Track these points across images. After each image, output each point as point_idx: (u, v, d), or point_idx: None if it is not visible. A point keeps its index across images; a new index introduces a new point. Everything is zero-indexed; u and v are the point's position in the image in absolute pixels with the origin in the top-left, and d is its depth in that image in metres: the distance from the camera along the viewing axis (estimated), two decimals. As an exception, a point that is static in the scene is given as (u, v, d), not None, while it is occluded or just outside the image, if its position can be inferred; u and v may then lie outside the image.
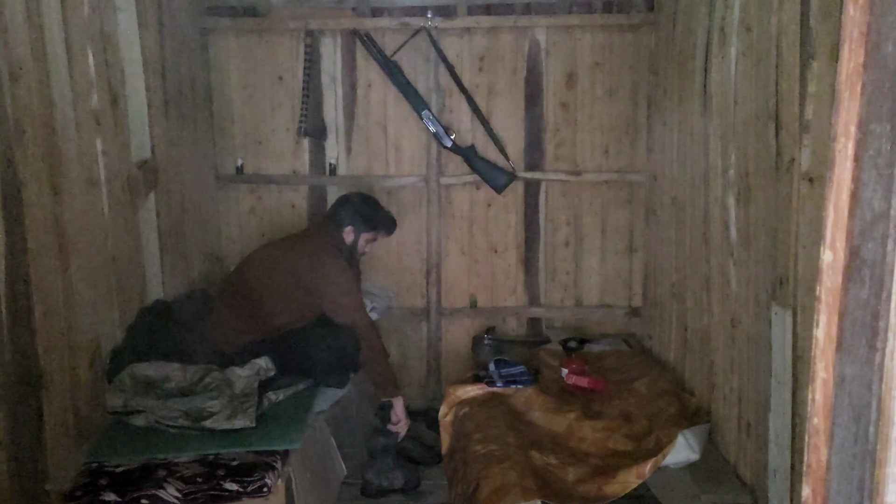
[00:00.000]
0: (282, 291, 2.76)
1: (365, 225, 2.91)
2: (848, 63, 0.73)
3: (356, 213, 2.90)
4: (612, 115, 3.46)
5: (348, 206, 2.92)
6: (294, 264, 2.78)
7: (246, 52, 3.46)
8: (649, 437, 2.38)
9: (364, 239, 2.94)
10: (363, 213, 2.91)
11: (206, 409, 2.24)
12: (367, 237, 2.95)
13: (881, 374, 0.68)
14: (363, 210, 2.92)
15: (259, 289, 2.77)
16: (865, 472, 0.71)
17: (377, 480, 2.72)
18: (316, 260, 2.77)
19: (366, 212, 2.92)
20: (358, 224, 2.90)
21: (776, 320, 1.92)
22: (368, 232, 2.93)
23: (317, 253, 2.79)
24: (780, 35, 1.91)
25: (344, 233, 2.89)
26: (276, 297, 2.76)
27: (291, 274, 2.77)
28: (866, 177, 0.71)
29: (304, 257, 2.78)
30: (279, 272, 2.79)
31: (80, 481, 1.99)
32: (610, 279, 3.60)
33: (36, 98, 1.97)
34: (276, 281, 2.77)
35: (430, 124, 3.34)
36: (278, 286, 2.76)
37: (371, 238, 2.97)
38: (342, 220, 2.89)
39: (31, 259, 1.92)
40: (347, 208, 2.91)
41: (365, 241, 2.95)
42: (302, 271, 2.76)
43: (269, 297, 2.76)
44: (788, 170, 1.86)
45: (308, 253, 2.79)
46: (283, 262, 2.81)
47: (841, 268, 0.75)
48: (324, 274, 2.75)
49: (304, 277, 2.75)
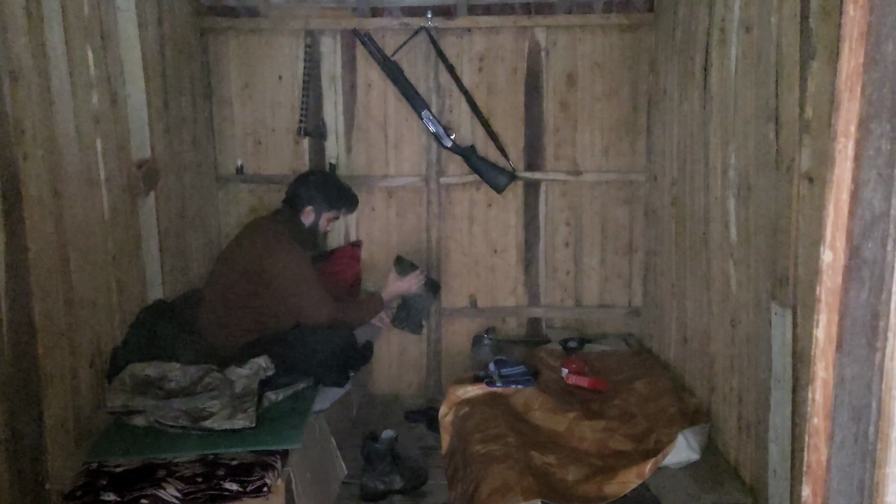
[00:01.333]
0: (248, 288, 2.70)
1: (325, 203, 2.84)
2: (848, 63, 0.73)
3: (316, 193, 2.82)
4: (612, 115, 3.46)
5: (307, 186, 2.84)
6: (251, 259, 2.69)
7: (246, 52, 3.46)
8: (649, 437, 2.38)
9: (325, 218, 2.88)
10: (323, 192, 2.83)
11: (206, 409, 2.24)
12: (329, 216, 2.88)
13: (881, 374, 0.68)
14: (323, 188, 2.84)
15: (229, 288, 2.71)
16: (865, 472, 0.71)
17: (373, 484, 2.72)
18: (269, 252, 2.68)
19: (326, 190, 2.85)
20: (318, 203, 2.82)
21: (776, 320, 1.92)
22: (329, 211, 2.87)
23: (269, 244, 2.70)
24: (780, 35, 1.92)
25: (303, 214, 2.82)
26: (245, 294, 2.70)
27: (252, 270, 2.69)
28: (866, 177, 0.71)
29: (258, 250, 2.70)
30: (240, 269, 2.71)
31: (79, 481, 1.99)
32: (610, 279, 3.60)
33: (36, 98, 1.97)
34: (240, 278, 2.70)
35: (430, 124, 3.34)
36: (244, 284, 2.70)
37: (332, 217, 2.90)
38: (301, 201, 2.82)
39: (31, 259, 1.92)
40: (306, 188, 2.83)
41: (326, 220, 2.89)
42: (259, 265, 2.68)
43: (238, 296, 2.70)
44: (788, 170, 1.86)
45: (262, 245, 2.70)
46: (243, 258, 2.73)
47: (841, 268, 0.75)
48: (279, 266, 2.67)
49: (262, 273, 2.68)
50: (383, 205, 3.57)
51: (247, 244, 2.75)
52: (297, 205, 2.82)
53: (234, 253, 2.78)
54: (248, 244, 2.75)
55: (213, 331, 2.72)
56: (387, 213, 3.57)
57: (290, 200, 2.85)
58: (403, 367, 3.65)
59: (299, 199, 2.83)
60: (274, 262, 2.67)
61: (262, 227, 2.79)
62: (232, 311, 2.70)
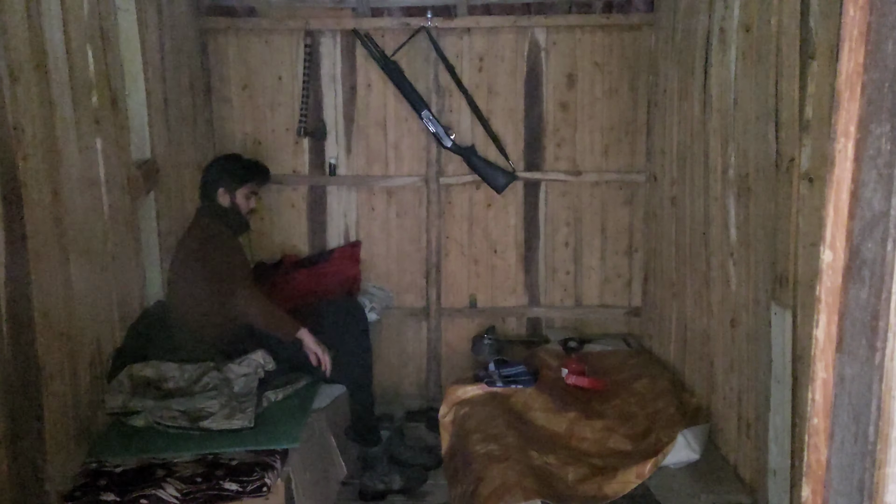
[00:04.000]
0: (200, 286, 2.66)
1: (234, 180, 2.76)
2: (848, 63, 0.73)
3: (220, 173, 2.76)
4: (612, 115, 3.46)
5: (211, 171, 2.80)
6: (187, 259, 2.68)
7: (246, 52, 3.46)
8: (649, 437, 2.38)
9: (241, 195, 2.78)
10: (227, 170, 2.77)
11: (204, 410, 2.24)
12: (244, 192, 2.79)
13: (881, 374, 0.68)
14: (226, 167, 2.79)
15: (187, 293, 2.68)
16: (865, 472, 0.71)
17: (373, 484, 2.72)
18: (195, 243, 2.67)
19: (229, 167, 2.79)
20: (227, 182, 2.75)
21: (776, 320, 1.92)
22: (241, 186, 2.78)
23: (195, 237, 2.70)
24: (780, 35, 1.92)
25: (218, 197, 2.75)
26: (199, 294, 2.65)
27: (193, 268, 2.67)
28: (866, 177, 0.71)
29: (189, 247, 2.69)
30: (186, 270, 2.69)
31: (79, 481, 1.99)
32: (610, 279, 3.60)
33: (36, 98, 1.97)
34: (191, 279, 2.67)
35: (430, 124, 3.34)
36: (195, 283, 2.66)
37: (248, 192, 2.81)
38: (211, 186, 2.75)
39: (31, 259, 1.92)
40: (210, 173, 2.79)
41: (243, 196, 2.79)
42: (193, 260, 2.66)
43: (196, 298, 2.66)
44: (788, 170, 1.86)
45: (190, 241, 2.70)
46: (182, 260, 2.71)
47: (841, 268, 0.75)
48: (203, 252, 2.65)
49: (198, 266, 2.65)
50: (383, 205, 3.57)
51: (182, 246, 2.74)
52: (210, 192, 2.76)
53: (175, 260, 2.75)
54: (182, 246, 2.74)
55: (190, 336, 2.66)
56: (387, 213, 3.57)
57: (202, 190, 2.79)
58: (403, 367, 3.65)
59: (209, 186, 2.77)
60: (200, 250, 2.65)
61: (189, 227, 2.78)
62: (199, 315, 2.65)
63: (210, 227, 2.71)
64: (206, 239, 2.68)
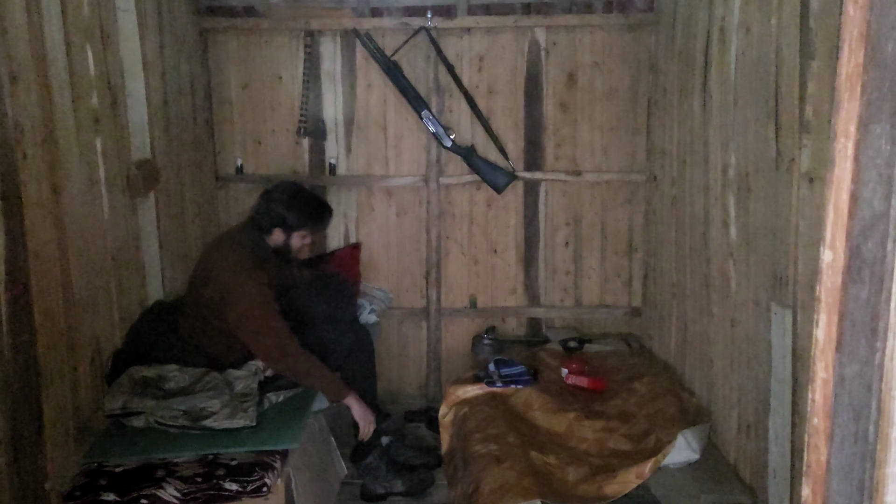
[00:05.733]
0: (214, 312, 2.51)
1: (294, 223, 2.60)
2: (848, 63, 0.73)
3: (283, 212, 2.58)
4: (612, 115, 3.46)
5: (272, 206, 2.60)
6: (213, 286, 2.50)
7: (246, 52, 3.46)
8: (649, 437, 2.38)
9: (297, 237, 2.64)
10: (289, 210, 2.59)
11: (205, 409, 2.24)
12: (300, 234, 2.65)
13: (881, 374, 0.68)
14: (289, 207, 2.59)
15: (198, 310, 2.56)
16: (865, 472, 0.71)
17: (374, 487, 2.72)
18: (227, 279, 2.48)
19: (292, 208, 2.59)
20: (286, 224, 2.59)
21: (776, 320, 1.92)
22: (299, 230, 2.63)
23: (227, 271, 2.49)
24: (780, 35, 1.92)
25: (271, 236, 2.61)
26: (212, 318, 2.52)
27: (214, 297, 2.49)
28: (866, 177, 0.71)
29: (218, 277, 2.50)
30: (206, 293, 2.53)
31: (79, 481, 1.99)
32: (610, 279, 3.60)
33: (36, 98, 1.97)
34: (207, 301, 2.52)
35: (430, 124, 3.34)
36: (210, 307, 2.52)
37: (305, 235, 2.67)
38: (267, 222, 2.59)
39: (31, 259, 1.92)
40: (271, 209, 2.59)
41: (299, 238, 2.65)
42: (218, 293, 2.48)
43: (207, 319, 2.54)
44: (788, 170, 1.86)
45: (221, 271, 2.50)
46: (205, 281, 2.54)
47: (841, 268, 0.75)
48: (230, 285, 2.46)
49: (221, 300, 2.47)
50: (383, 205, 3.57)
51: (209, 268, 2.56)
52: (264, 226, 2.60)
53: (200, 276, 2.59)
54: (210, 269, 2.55)
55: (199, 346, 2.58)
56: (387, 213, 3.57)
57: (256, 220, 2.62)
58: (403, 367, 3.65)
59: (265, 220, 2.60)
60: (231, 291, 2.46)
61: (224, 252, 2.57)
62: (204, 332, 2.56)
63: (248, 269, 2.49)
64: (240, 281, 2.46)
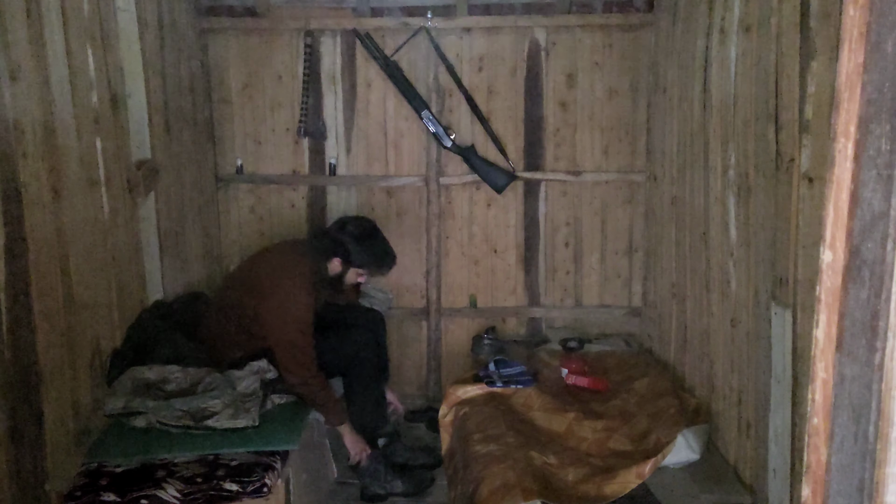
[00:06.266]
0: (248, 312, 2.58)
1: (358, 261, 2.65)
2: (848, 63, 0.73)
3: (349, 247, 2.62)
4: (612, 115, 3.46)
5: (343, 237, 2.64)
6: (261, 289, 2.57)
7: (246, 52, 3.46)
8: (649, 437, 2.38)
9: (354, 272, 2.69)
10: (356, 248, 2.63)
11: (207, 409, 2.24)
12: (358, 272, 2.70)
13: (881, 374, 0.68)
14: (361, 244, 2.64)
15: (236, 303, 2.62)
16: (865, 472, 0.71)
17: (374, 488, 2.72)
18: (276, 281, 2.56)
19: (363, 247, 2.64)
20: (348, 257, 2.64)
21: (776, 320, 1.92)
22: (360, 268, 2.69)
23: (282, 282, 2.56)
24: (780, 35, 1.91)
25: (331, 263, 2.65)
26: (243, 315, 2.59)
27: (256, 298, 2.56)
28: (866, 177, 0.71)
29: (270, 283, 2.57)
30: (248, 290, 2.60)
31: (79, 481, 1.99)
32: (610, 279, 3.60)
33: (36, 98, 1.97)
34: (244, 297, 2.59)
35: (430, 124, 3.34)
36: (246, 304, 2.58)
37: (362, 274, 2.72)
38: (331, 249, 2.64)
39: (31, 259, 1.92)
40: (341, 238, 2.63)
41: (356, 273, 2.70)
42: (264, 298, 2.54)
43: (237, 313, 2.60)
44: (788, 170, 1.86)
45: (271, 279, 2.58)
46: (254, 281, 2.61)
47: (841, 268, 0.75)
48: (276, 295, 2.53)
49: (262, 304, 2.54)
50: (383, 205, 3.57)
51: (264, 271, 2.63)
52: (327, 251, 2.64)
53: (250, 273, 2.68)
54: (265, 272, 2.62)
55: (206, 334, 2.67)
56: (387, 213, 3.57)
57: (321, 242, 2.67)
58: (403, 367, 3.65)
59: (330, 246, 2.64)
60: (281, 305, 2.52)
61: (286, 265, 2.63)
62: (229, 322, 2.61)
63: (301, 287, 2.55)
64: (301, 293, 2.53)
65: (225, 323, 2.63)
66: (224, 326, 2.63)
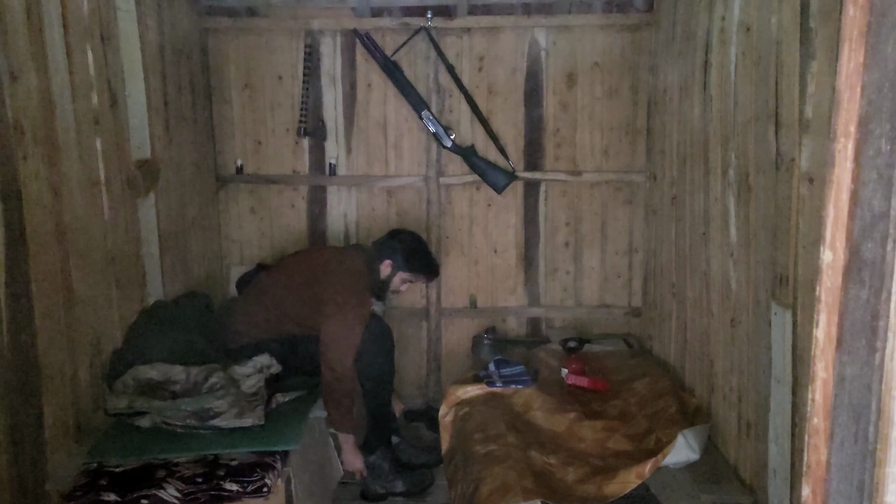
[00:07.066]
0: (297, 297, 2.78)
1: (404, 265, 2.89)
2: (848, 63, 0.73)
3: (400, 251, 2.89)
4: (612, 115, 3.46)
5: (394, 242, 2.91)
6: (315, 274, 2.79)
7: (246, 52, 3.46)
8: (649, 437, 2.38)
9: (400, 278, 2.92)
10: (406, 254, 2.89)
11: (213, 409, 2.23)
12: (404, 277, 2.92)
13: (881, 374, 0.68)
14: (408, 250, 2.90)
15: (280, 290, 2.81)
16: (865, 472, 0.71)
17: (375, 486, 2.72)
18: (335, 277, 2.77)
19: (410, 253, 2.91)
20: (398, 262, 2.88)
21: (776, 320, 1.92)
22: (405, 272, 2.91)
23: (339, 271, 2.79)
24: (780, 35, 1.91)
25: (381, 265, 2.89)
26: (291, 301, 2.78)
27: (309, 283, 2.78)
28: (866, 177, 0.71)
29: (327, 273, 2.79)
30: (300, 278, 2.82)
31: (80, 481, 1.99)
32: (610, 279, 3.60)
33: (36, 98, 1.97)
34: (294, 286, 2.80)
35: (430, 124, 3.34)
36: (296, 292, 2.79)
37: (408, 279, 2.94)
38: (384, 252, 2.89)
39: (31, 259, 1.92)
40: (393, 243, 2.91)
41: (401, 279, 2.93)
42: (318, 283, 2.76)
43: (285, 301, 2.79)
44: (788, 170, 1.86)
45: (332, 269, 2.80)
46: (308, 269, 2.84)
47: (841, 268, 0.75)
48: (334, 291, 2.72)
49: (317, 289, 2.75)
50: (383, 205, 3.57)
51: (328, 263, 2.85)
52: (381, 254, 2.89)
53: (307, 272, 2.85)
54: (324, 263, 2.85)
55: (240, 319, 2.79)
56: (387, 213, 3.57)
57: (377, 247, 2.92)
58: (403, 367, 3.64)
59: (383, 251, 2.90)
60: (334, 292, 2.71)
61: (346, 259, 2.87)
62: (264, 306, 2.79)
63: (359, 283, 2.78)
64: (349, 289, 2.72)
65: (257, 305, 2.80)
66: (256, 307, 2.80)
